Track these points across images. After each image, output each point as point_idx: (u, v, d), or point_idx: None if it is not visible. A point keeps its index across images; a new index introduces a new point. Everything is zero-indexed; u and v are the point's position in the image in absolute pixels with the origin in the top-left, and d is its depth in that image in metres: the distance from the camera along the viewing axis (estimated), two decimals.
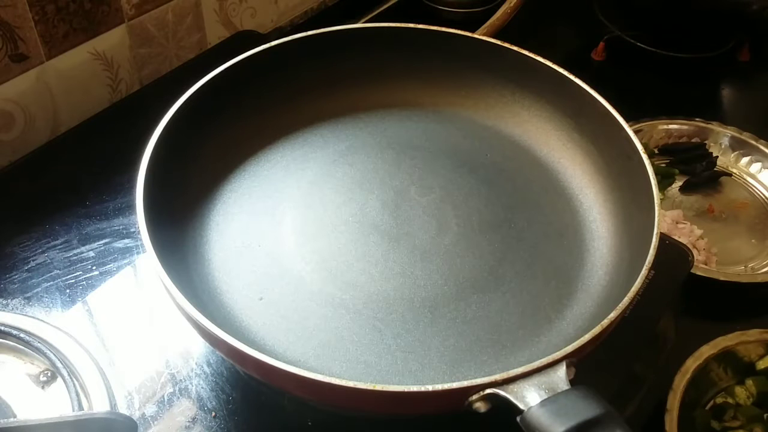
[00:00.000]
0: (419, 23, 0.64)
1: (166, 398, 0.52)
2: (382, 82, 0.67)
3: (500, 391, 0.40)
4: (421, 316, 0.52)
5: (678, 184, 0.81)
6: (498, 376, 0.40)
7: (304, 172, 0.61)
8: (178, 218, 0.55)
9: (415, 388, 0.40)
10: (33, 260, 0.60)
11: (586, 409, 0.38)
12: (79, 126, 0.72)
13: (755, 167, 0.82)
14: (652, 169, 0.53)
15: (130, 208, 0.63)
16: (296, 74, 0.64)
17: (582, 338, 0.43)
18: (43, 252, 0.61)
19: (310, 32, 0.63)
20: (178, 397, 0.52)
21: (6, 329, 0.53)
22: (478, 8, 0.98)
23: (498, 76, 0.65)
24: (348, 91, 0.66)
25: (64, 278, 0.59)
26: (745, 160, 0.83)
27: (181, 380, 0.53)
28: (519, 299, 0.53)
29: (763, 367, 0.62)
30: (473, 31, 0.71)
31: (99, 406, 0.50)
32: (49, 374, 0.52)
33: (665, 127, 0.85)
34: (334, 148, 0.64)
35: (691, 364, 0.58)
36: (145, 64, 0.77)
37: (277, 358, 0.41)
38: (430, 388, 0.40)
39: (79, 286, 0.58)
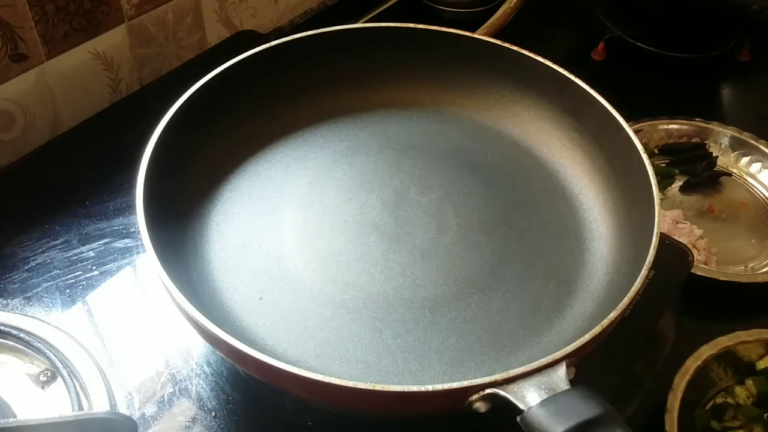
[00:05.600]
0: (419, 23, 0.64)
1: (166, 398, 0.52)
2: (382, 82, 0.67)
3: (500, 391, 0.40)
4: (421, 316, 0.52)
5: (678, 184, 0.81)
6: (498, 376, 0.40)
7: (304, 172, 0.62)
8: (178, 218, 0.55)
9: (415, 388, 0.40)
10: (33, 260, 0.60)
11: (586, 409, 0.38)
12: (79, 126, 0.72)
13: (755, 167, 0.82)
14: (652, 169, 0.53)
15: (130, 208, 0.63)
16: (296, 74, 0.64)
17: (582, 338, 0.43)
18: (43, 252, 0.61)
19: (310, 32, 0.63)
20: (178, 397, 0.52)
21: (6, 329, 0.53)
22: (478, 8, 0.98)
23: (498, 76, 0.65)
24: (348, 91, 0.66)
25: (64, 278, 0.59)
26: (745, 160, 0.83)
27: (181, 380, 0.53)
28: (519, 299, 0.53)
29: (763, 367, 0.62)
30: (473, 31, 0.71)
31: (99, 406, 0.50)
32: (49, 374, 0.52)
33: (665, 127, 0.85)
34: (334, 148, 0.64)
35: (691, 364, 0.58)
36: (145, 64, 0.77)
37: (277, 358, 0.41)
38: (430, 388, 0.40)
39: (79, 286, 0.58)
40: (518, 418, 0.39)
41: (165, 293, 0.46)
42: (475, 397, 0.40)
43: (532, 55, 0.62)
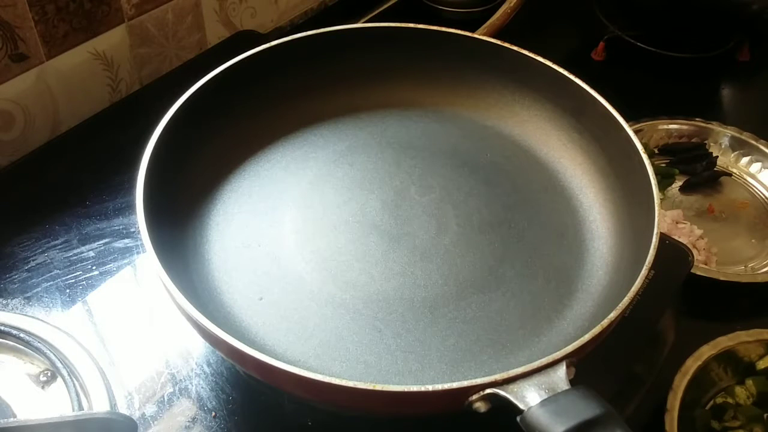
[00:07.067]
0: (419, 23, 0.64)
1: (166, 398, 0.52)
2: (382, 82, 0.67)
3: (500, 391, 0.40)
4: (421, 316, 0.52)
5: (678, 184, 0.81)
6: (498, 376, 0.40)
7: (304, 172, 0.62)
8: (178, 218, 0.55)
9: (415, 388, 0.40)
10: (33, 260, 0.60)
11: (586, 409, 0.38)
12: (79, 126, 0.72)
13: (755, 167, 0.82)
14: (652, 169, 0.53)
15: (130, 208, 0.63)
16: (296, 74, 0.64)
17: (582, 338, 0.43)
18: (43, 252, 0.61)
19: (310, 32, 0.63)
20: (178, 397, 0.52)
21: (6, 329, 0.53)
22: (478, 8, 0.98)
23: (498, 76, 0.65)
24: (348, 91, 0.66)
25: (64, 278, 0.59)
26: (745, 160, 0.83)
27: (181, 380, 0.53)
28: (519, 299, 0.53)
29: (763, 367, 0.61)
30: (473, 31, 0.71)
31: (99, 406, 0.50)
32: (49, 374, 0.52)
33: (665, 127, 0.85)
34: (334, 148, 0.64)
35: (691, 364, 0.58)
36: (145, 64, 0.77)
37: (277, 358, 0.41)
38: (430, 388, 0.40)
39: (79, 286, 0.58)
40: (518, 418, 0.39)
41: (165, 293, 0.46)
42: (475, 397, 0.41)
43: (532, 55, 0.62)
